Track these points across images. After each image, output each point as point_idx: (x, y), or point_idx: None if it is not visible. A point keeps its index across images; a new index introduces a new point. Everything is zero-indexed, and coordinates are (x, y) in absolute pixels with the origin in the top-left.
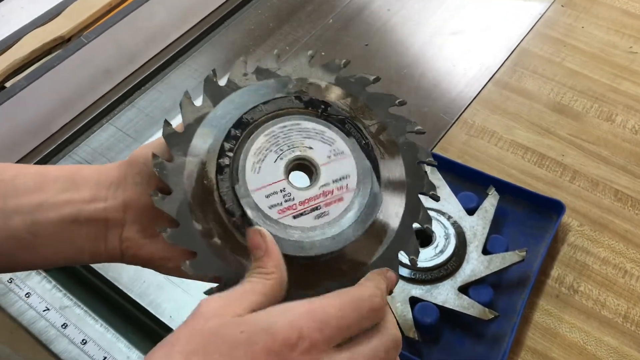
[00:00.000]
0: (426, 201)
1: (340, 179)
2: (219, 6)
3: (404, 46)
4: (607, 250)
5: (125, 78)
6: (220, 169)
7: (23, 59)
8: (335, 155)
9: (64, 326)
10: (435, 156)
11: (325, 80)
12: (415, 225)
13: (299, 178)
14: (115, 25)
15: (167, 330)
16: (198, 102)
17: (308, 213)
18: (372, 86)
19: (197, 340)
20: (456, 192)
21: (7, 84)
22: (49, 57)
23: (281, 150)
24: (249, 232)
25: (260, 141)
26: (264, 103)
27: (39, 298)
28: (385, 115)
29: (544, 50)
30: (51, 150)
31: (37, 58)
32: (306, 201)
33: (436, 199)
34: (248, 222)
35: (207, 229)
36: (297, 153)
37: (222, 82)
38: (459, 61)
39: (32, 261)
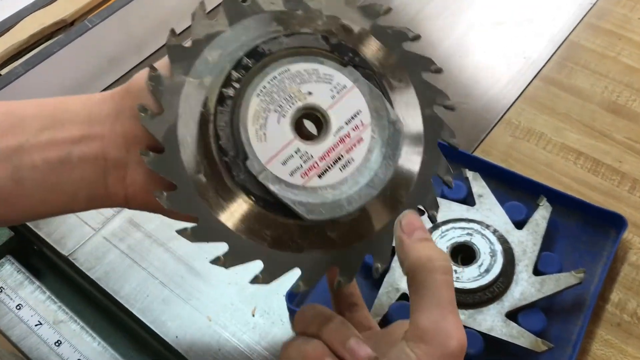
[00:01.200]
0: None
1: (352, 118)
2: None
3: (440, 38)
4: None
5: (133, 68)
6: (221, 99)
7: (20, 44)
8: (339, 92)
9: (57, 343)
10: (477, 160)
11: (359, 24)
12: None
13: (309, 127)
14: (123, 8)
15: (172, 351)
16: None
17: (332, 167)
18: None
19: None
20: (502, 201)
21: (3, 71)
22: (49, 42)
23: (280, 107)
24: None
25: (254, 104)
26: (287, 35)
27: (32, 311)
28: (416, 79)
29: (596, 43)
30: None
31: (36, 43)
32: (326, 154)
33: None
34: (274, 198)
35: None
36: (298, 104)
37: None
38: (501, 55)
39: (17, 213)
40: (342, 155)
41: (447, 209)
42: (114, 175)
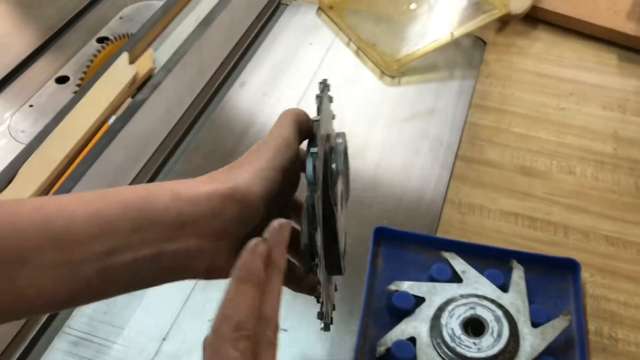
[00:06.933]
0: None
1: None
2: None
3: (367, 139)
4: (624, 293)
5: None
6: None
7: None
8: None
9: None
10: (445, 241)
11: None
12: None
13: None
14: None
15: None
16: None
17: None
18: None
19: None
20: (481, 271)
21: None
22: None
23: None
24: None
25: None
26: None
27: None
28: None
29: (489, 120)
30: None
31: None
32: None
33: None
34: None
35: None
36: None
37: None
38: (421, 145)
39: (99, 298)
40: None
41: (443, 290)
42: (201, 261)
